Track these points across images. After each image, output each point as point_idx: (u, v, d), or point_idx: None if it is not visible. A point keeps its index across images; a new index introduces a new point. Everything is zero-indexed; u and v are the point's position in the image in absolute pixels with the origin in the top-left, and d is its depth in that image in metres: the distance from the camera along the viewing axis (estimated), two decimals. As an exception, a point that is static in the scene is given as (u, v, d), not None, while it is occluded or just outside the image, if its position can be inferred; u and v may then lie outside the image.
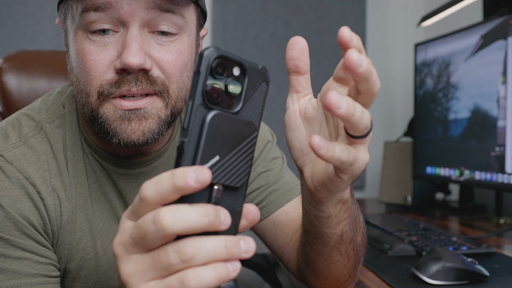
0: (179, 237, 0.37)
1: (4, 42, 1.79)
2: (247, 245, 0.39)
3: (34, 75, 1.15)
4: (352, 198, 0.59)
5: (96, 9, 0.63)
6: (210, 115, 0.38)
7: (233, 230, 0.41)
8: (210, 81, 0.39)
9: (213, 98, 0.39)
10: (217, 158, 0.38)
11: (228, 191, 0.40)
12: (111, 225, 0.76)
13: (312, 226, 0.61)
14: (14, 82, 1.13)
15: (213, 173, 0.38)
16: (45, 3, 1.81)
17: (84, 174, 0.74)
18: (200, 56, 0.38)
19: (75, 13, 0.66)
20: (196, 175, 0.35)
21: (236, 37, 1.98)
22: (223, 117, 0.39)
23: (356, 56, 0.40)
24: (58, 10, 0.72)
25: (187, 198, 0.38)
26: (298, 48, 0.49)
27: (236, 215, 0.41)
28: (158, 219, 0.36)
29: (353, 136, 0.45)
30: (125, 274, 0.39)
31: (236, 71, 0.40)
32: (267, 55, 2.00)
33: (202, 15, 0.74)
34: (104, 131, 0.67)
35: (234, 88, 0.40)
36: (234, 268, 0.38)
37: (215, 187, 0.39)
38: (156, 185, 0.37)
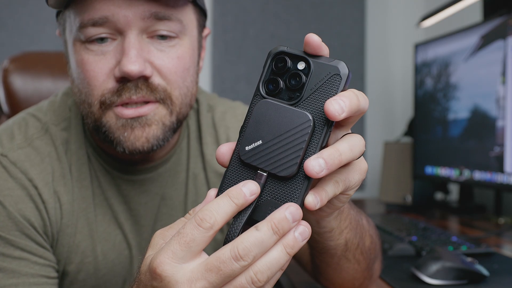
0: None
1: (4, 42, 1.79)
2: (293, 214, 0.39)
3: (39, 76, 1.16)
4: (348, 203, 0.58)
5: (94, 24, 0.63)
6: (258, 103, 0.42)
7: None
8: (271, 75, 0.43)
9: (269, 90, 0.43)
10: (259, 142, 0.41)
11: (275, 181, 0.41)
12: (112, 230, 0.75)
13: (316, 242, 0.61)
14: (19, 83, 1.14)
15: (254, 156, 0.41)
16: (45, 3, 1.81)
17: (88, 178, 0.73)
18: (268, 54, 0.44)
19: (72, 24, 0.66)
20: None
21: (236, 37, 1.98)
22: (272, 106, 0.42)
23: (333, 109, 0.39)
24: (57, 21, 0.71)
25: (231, 182, 0.42)
26: (314, 46, 0.43)
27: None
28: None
29: None
30: None
31: (300, 65, 0.42)
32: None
33: (202, 15, 0.74)
34: (109, 140, 0.67)
35: (295, 81, 0.42)
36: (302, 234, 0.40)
37: (258, 171, 0.41)
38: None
